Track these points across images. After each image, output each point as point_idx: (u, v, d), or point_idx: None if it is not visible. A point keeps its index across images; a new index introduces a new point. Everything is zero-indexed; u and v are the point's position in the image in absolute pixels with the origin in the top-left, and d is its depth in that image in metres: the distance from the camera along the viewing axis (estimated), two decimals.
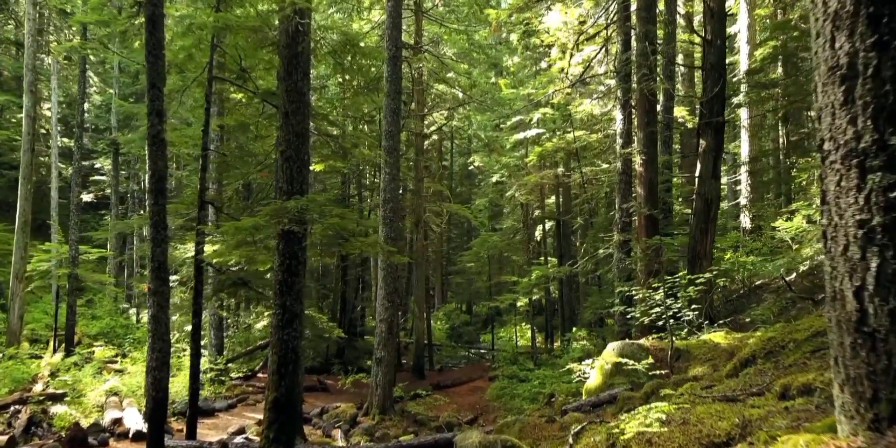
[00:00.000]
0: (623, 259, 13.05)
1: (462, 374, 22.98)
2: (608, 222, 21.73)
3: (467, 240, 40.20)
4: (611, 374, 8.75)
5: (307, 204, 6.70)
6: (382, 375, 14.55)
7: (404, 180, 25.88)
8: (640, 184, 13.22)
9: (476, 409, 17.49)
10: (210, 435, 12.25)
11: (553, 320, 28.93)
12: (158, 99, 8.46)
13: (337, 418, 13.94)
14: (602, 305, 18.55)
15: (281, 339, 6.93)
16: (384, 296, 14.72)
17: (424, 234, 24.57)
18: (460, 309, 40.02)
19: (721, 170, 13.35)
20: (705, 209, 12.74)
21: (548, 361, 19.95)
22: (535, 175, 23.57)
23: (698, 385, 5.44)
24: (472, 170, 42.52)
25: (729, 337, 8.66)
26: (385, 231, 14.77)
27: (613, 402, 7.89)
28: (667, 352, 8.56)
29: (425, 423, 15.08)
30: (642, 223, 13.01)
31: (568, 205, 26.32)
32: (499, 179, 28.86)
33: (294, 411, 6.97)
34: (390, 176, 14.80)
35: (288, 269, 7.05)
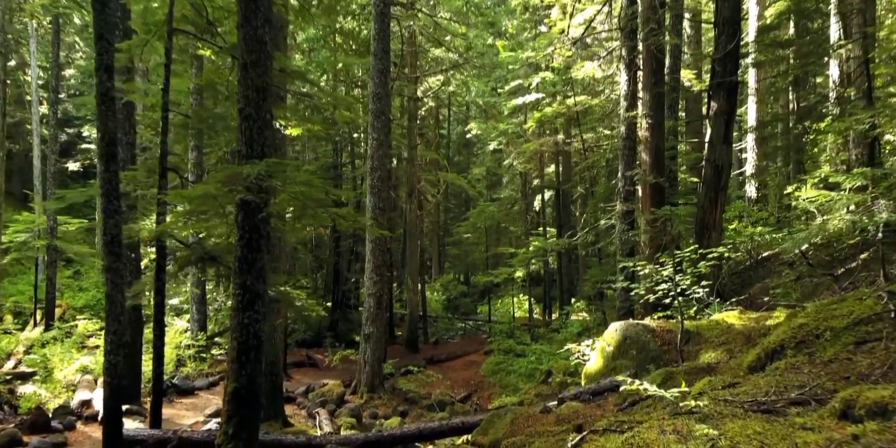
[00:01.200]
0: (626, 231, 12.20)
1: (457, 347, 22.36)
2: (610, 192, 20.83)
3: (465, 210, 39.33)
4: (613, 357, 7.98)
5: (266, 169, 5.81)
6: (371, 352, 13.85)
7: (398, 148, 24.91)
8: (645, 150, 12.29)
9: (470, 386, 16.86)
10: (187, 416, 11.58)
11: (552, 291, 28.23)
12: (107, 52, 7.49)
13: (323, 397, 13.26)
14: (603, 279, 17.80)
15: (241, 323, 6.11)
16: (372, 269, 13.92)
17: (419, 204, 23.70)
18: (458, 279, 39.34)
19: (733, 135, 12.41)
20: (715, 177, 11.83)
21: (545, 335, 19.28)
22: (535, 142, 22.57)
23: (718, 381, 4.63)
24: (471, 138, 41.44)
25: (744, 317, 7.86)
26: (373, 201, 13.90)
27: (616, 390, 7.11)
28: (675, 334, 7.77)
29: (416, 401, 14.44)
30: (647, 192, 12.12)
31: (568, 173, 25.37)
32: (496, 147, 27.84)
33: (256, 403, 6.18)
34: (378, 142, 13.85)
35: (248, 244, 6.19)
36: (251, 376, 6.14)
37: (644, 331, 7.86)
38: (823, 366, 4.19)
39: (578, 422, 6.10)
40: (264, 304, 6.32)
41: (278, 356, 10.89)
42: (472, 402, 15.03)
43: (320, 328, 25.13)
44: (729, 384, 4.39)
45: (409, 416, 13.42)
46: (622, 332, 7.99)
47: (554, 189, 25.29)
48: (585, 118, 21.21)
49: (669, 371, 6.36)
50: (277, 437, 7.69)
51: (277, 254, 10.83)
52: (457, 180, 23.78)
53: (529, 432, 6.14)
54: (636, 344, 7.76)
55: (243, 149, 6.31)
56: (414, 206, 21.56)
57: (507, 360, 17.72)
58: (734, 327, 7.51)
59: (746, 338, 7.04)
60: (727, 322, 7.79)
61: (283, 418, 11.00)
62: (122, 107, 11.85)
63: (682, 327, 7.20)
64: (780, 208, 22.84)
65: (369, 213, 13.92)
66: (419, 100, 21.80)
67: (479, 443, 6.76)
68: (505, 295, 32.16)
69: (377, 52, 13.84)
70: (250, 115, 6.31)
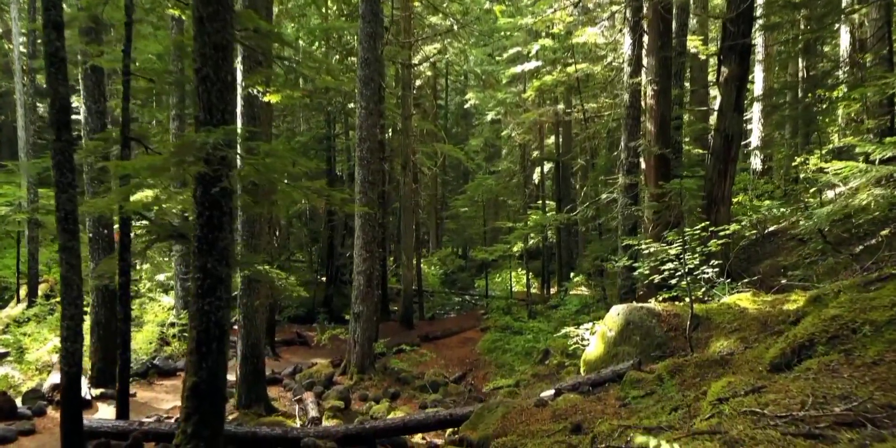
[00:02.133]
0: (628, 205, 11.51)
1: (453, 323, 21.84)
2: (611, 164, 20.08)
3: (464, 182, 38.53)
4: (614, 343, 7.37)
5: (224, 138, 5.09)
6: (361, 331, 13.28)
7: (392, 119, 24.05)
8: (651, 119, 11.53)
9: (465, 365, 16.34)
10: (165, 400, 11.05)
11: (551, 265, 27.59)
12: (54, 7, 6.73)
13: (310, 379, 12.73)
14: (603, 254, 17.15)
15: (201, 311, 5.46)
16: (362, 245, 13.25)
17: (414, 177, 22.93)
18: (455, 253, 38.74)
19: (745, 102, 11.65)
20: (725, 147, 11.11)
21: (543, 312, 18.73)
22: (534, 112, 21.72)
23: (739, 384, 3.99)
24: (469, 109, 40.50)
25: (757, 300, 7.22)
26: (362, 174, 13.16)
27: (618, 381, 6.51)
28: (683, 318, 7.14)
29: (409, 381, 13.92)
30: (652, 164, 11.40)
31: (568, 145, 24.55)
32: (494, 117, 26.96)
33: (219, 398, 5.58)
34: (367, 111, 13.06)
35: (209, 223, 5.50)
36: (213, 369, 5.51)
37: (648, 315, 7.23)
38: (867, 369, 3.54)
39: (577, 419, 5.50)
40: (227, 289, 5.66)
41: (259, 338, 10.30)
42: (467, 383, 14.51)
43: (314, 304, 24.61)
44: (753, 388, 3.74)
45: (401, 397, 12.91)
46: (625, 316, 7.36)
47: (554, 161, 24.51)
48: (586, 87, 20.34)
49: (677, 363, 5.74)
50: (251, 429, 7.12)
51: (258, 231, 10.16)
52: (453, 152, 22.98)
53: (522, 431, 5.54)
54: (640, 329, 7.13)
55: (201, 114, 5.58)
56: (409, 179, 20.82)
57: (504, 338, 17.19)
58: (748, 312, 6.88)
59: (762, 324, 6.40)
60: (739, 306, 7.16)
61: (266, 403, 10.46)
62: (91, 72, 11.07)
63: (691, 312, 6.56)
64: (786, 181, 22.15)
65: (359, 186, 13.21)
66: (413, 67, 20.88)
67: (467, 439, 6.18)
68: (503, 269, 31.57)
69: (365, 15, 12.96)
70: (208, 76, 5.56)
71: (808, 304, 6.29)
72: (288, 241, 30.91)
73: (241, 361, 10.21)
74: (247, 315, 10.15)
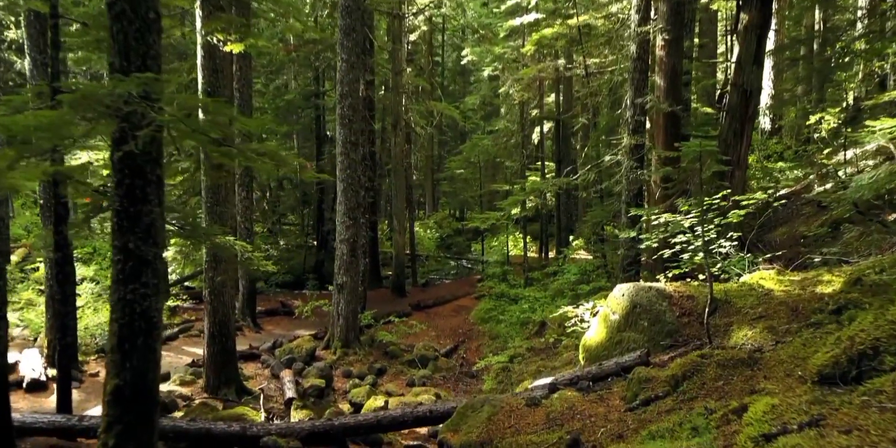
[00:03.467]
0: (634, 168, 10.47)
1: (447, 290, 21.03)
2: (615, 122, 18.93)
3: (462, 143, 37.29)
4: (618, 328, 6.46)
5: (137, 88, 4.05)
6: (345, 303, 12.42)
7: (383, 76, 22.75)
8: (660, 72, 10.40)
9: (458, 336, 15.56)
10: None
11: (549, 228, 26.61)
12: None
13: (290, 354, 11.91)
14: (605, 220, 16.18)
15: (123, 300, 4.51)
16: (345, 212, 12.27)
17: (406, 136, 21.78)
18: (453, 216, 37.78)
19: (765, 54, 10.51)
20: (742, 104, 10.03)
21: (541, 280, 17.88)
22: (533, 68, 20.41)
23: (785, 407, 3.06)
24: (466, 65, 38.98)
25: (784, 280, 6.28)
26: (343, 134, 12.08)
27: (622, 375, 5.62)
28: (697, 301, 6.21)
29: (397, 355, 13.14)
30: (660, 123, 10.33)
31: (569, 103, 23.31)
32: (492, 73, 25.60)
33: (149, 404, 4.68)
34: (348, 64, 11.89)
35: (130, 193, 4.50)
36: (139, 370, 4.59)
37: (658, 297, 6.30)
38: None
39: (575, 426, 4.61)
40: (156, 273, 4.70)
41: (228, 315, 9.41)
42: (458, 356, 13.74)
43: (304, 269, 23.79)
44: (810, 420, 2.81)
45: (387, 373, 12.14)
46: (631, 297, 6.43)
47: (553, 120, 23.32)
48: (589, 40, 19.00)
49: (695, 360, 4.82)
50: (206, 425, 6.27)
51: (223, 197, 9.16)
52: (448, 110, 21.78)
53: (510, 442, 4.65)
54: (648, 314, 6.21)
55: (115, 60, 4.51)
56: (400, 140, 19.67)
57: (499, 307, 16.39)
58: (773, 294, 5.94)
59: (792, 311, 5.47)
60: (763, 286, 6.22)
61: (237, 385, 9.65)
62: (34, 18, 9.87)
63: (710, 295, 5.62)
64: (798, 141, 21.01)
65: (340, 147, 12.15)
66: (404, 17, 19.49)
67: (447, 443, 5.32)
68: (500, 232, 30.66)
69: None
70: (123, 12, 4.48)
71: (848, 286, 5.35)
72: (278, 202, 29.92)
73: (208, 341, 9.35)
74: (213, 290, 9.24)
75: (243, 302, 14.52)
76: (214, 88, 8.98)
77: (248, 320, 14.41)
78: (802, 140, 20.83)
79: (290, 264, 24.06)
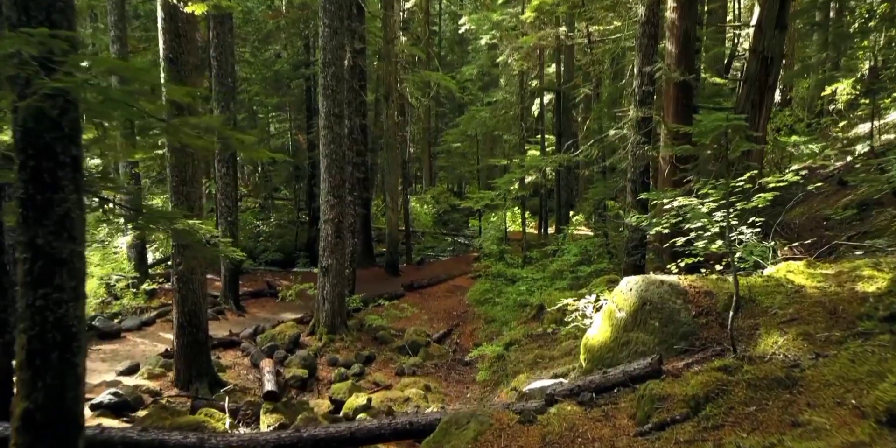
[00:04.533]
0: (641, 143, 9.62)
1: (442, 269, 20.30)
2: (619, 93, 17.98)
3: (460, 115, 36.23)
4: (625, 327, 5.69)
5: (31, 47, 3.21)
6: (331, 287, 11.68)
7: (376, 45, 21.69)
8: (672, 37, 9.46)
9: (452, 319, 14.87)
10: (96, 372, 9.48)
11: (548, 203, 25.76)
12: None
13: (272, 341, 11.21)
14: (607, 196, 15.37)
15: (32, 307, 3.74)
16: (329, 190, 11.45)
17: (400, 108, 20.80)
18: (451, 190, 36.88)
19: (788, 15, 9.57)
20: (762, 72, 9.13)
21: (540, 259, 17.11)
22: (533, 35, 19.33)
23: None
24: (465, 35, 37.68)
25: (815, 273, 5.48)
26: (327, 105, 11.18)
27: (630, 386, 4.87)
28: (716, 298, 5.43)
29: (387, 340, 12.46)
30: (671, 93, 9.43)
31: (570, 74, 22.26)
32: (489, 41, 24.46)
33: (70, 428, 3.93)
34: (331, 29, 10.93)
35: (36, 179, 3.70)
36: (56, 390, 3.83)
37: (671, 293, 5.51)
38: None
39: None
40: (74, 273, 3.90)
41: (200, 303, 8.66)
42: (452, 342, 13.06)
43: (296, 246, 23.04)
44: None
45: (376, 361, 11.47)
46: (639, 293, 5.65)
47: (554, 91, 22.32)
48: (592, 2, 17.91)
49: (720, 379, 4.06)
50: (159, 436, 5.55)
51: (190, 176, 8.33)
52: (443, 80, 20.75)
53: None
54: (660, 312, 5.44)
55: (13, 14, 3.66)
56: (392, 112, 18.72)
57: (495, 288, 15.65)
58: (806, 292, 5.16)
59: (830, 313, 4.70)
60: (792, 281, 5.44)
61: (210, 378, 8.95)
62: None
63: (735, 295, 4.82)
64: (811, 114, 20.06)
65: (323, 120, 11.26)
66: None
67: None
68: (499, 208, 29.82)
69: None
70: None
71: None
72: (270, 176, 29.04)
73: (177, 332, 8.62)
74: (181, 277, 8.47)
75: (225, 284, 13.79)
76: (177, 55, 8.09)
77: (230, 303, 13.68)
78: (815, 112, 19.89)
79: (281, 241, 23.29)
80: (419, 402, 8.58)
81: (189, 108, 8.23)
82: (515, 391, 9.00)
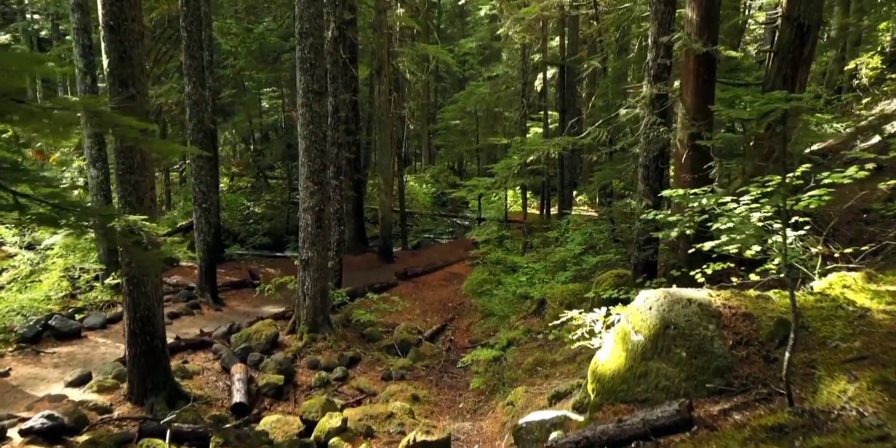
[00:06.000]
0: (656, 125, 8.47)
1: (439, 254, 19.29)
2: (627, 67, 16.74)
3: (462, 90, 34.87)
4: (643, 354, 4.66)
5: None
6: (311, 282, 10.67)
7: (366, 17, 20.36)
8: (693, 2, 8.25)
9: (447, 311, 13.91)
10: (46, 380, 8.55)
11: (551, 181, 24.53)
12: None
13: (247, 342, 10.23)
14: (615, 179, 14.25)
15: None
16: (308, 175, 10.36)
17: (394, 84, 19.59)
18: (451, 168, 35.66)
19: None
20: (796, 42, 7.96)
21: (541, 246, 16.06)
22: (535, 5, 18.02)
23: None
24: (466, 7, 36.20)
25: (881, 291, 4.43)
26: (305, 81, 10.04)
27: (653, 440, 3.84)
28: (759, 323, 4.39)
29: (375, 338, 11.51)
30: (691, 67, 8.25)
31: (575, 47, 20.93)
32: (489, 11, 23.10)
33: None
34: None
35: None
36: None
37: (701, 315, 4.46)
38: None
39: None
40: None
41: (154, 308, 7.63)
42: (445, 338, 12.10)
43: (287, 229, 21.96)
44: None
45: (361, 362, 10.52)
46: (661, 313, 4.60)
47: (558, 65, 21.03)
48: None
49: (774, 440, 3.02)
50: None
51: (139, 164, 7.24)
52: (439, 54, 19.49)
53: None
54: (687, 340, 4.40)
55: None
56: (384, 87, 17.49)
57: (494, 277, 14.62)
58: (873, 318, 4.11)
59: None
60: (852, 301, 4.38)
61: (170, 388, 7.98)
62: None
63: (794, 326, 3.75)
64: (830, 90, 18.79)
65: (300, 97, 10.13)
66: None
67: None
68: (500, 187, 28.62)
69: None
70: None
71: None
72: (262, 154, 27.90)
73: (128, 340, 7.62)
74: (132, 279, 7.44)
75: (201, 275, 12.79)
76: (118, 21, 6.95)
77: (206, 296, 12.69)
78: (834, 88, 18.63)
79: (272, 224, 22.26)
80: (404, 419, 7.61)
81: (135, 85, 7.13)
82: (512, 406, 8.05)
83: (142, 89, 7.23)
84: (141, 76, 7.24)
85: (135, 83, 7.12)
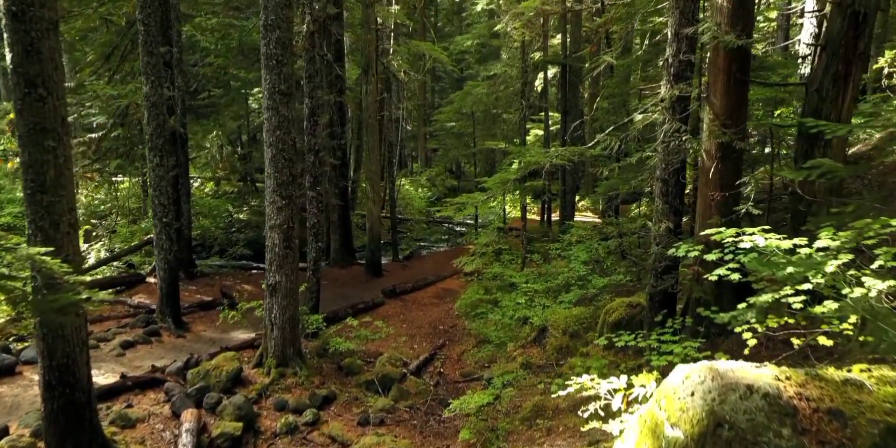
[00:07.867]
0: (679, 132, 7.18)
1: (432, 266, 17.96)
2: (633, 65, 15.43)
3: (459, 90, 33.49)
4: None
5: None
6: (280, 310, 9.36)
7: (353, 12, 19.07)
8: None
9: (437, 336, 12.60)
10: None
11: (552, 186, 23.18)
12: None
13: (205, 379, 8.92)
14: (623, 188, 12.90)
15: None
16: (274, 188, 9.06)
17: (384, 84, 18.29)
18: (450, 171, 34.35)
19: None
20: (850, 34, 6.66)
21: (541, 260, 14.75)
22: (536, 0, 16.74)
23: None
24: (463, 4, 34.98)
25: None
26: (271, 80, 8.74)
27: None
28: (855, 427, 3.06)
29: (354, 371, 10.19)
30: (721, 65, 6.94)
31: (578, 44, 19.63)
32: (486, 6, 21.80)
33: None
34: None
35: None
36: None
37: (770, 414, 3.15)
38: None
39: None
40: None
41: (75, 355, 6.29)
42: (434, 371, 10.78)
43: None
44: None
45: (336, 403, 9.19)
46: (709, 404, 3.29)
47: (559, 64, 19.72)
48: None
49: None
50: None
51: (52, 180, 5.93)
52: (433, 51, 18.19)
53: None
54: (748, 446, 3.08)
55: None
56: (372, 87, 16.17)
57: (491, 296, 13.31)
58: None
59: None
60: None
61: (98, 443, 6.66)
62: None
63: None
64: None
65: (266, 99, 8.82)
66: None
67: None
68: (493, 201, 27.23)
69: None
70: None
71: None
72: (249, 157, 26.58)
73: (43, 394, 6.30)
74: (44, 321, 6.13)
75: (161, 297, 11.48)
76: (23, 7, 5.67)
77: (168, 321, 11.38)
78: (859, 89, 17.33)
79: (256, 232, 20.93)
80: None
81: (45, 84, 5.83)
82: None
83: (55, 90, 5.92)
84: (54, 74, 5.93)
85: (45, 82, 5.82)
